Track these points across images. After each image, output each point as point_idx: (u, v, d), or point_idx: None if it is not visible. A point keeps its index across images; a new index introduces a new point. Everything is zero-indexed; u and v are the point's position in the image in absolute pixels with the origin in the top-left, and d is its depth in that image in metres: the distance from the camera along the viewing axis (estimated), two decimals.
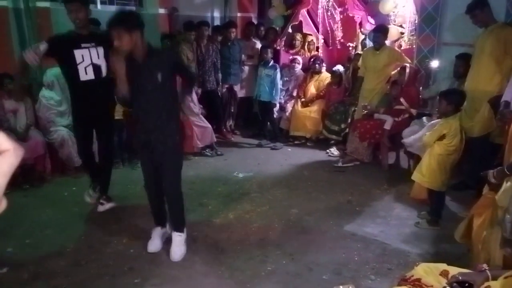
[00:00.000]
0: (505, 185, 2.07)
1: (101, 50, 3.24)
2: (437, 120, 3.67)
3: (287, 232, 3.31)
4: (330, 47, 6.64)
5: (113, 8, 5.66)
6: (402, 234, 3.28)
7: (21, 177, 4.11)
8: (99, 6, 5.56)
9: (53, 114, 4.44)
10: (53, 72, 4.47)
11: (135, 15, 2.74)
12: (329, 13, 6.36)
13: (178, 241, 2.93)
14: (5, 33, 4.50)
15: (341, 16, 6.32)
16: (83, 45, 3.22)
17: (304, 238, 3.22)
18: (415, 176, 3.38)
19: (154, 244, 3.01)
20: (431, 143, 3.23)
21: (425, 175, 3.27)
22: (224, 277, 2.70)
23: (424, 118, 4.33)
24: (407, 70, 4.75)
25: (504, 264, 2.01)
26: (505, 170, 2.10)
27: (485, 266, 1.75)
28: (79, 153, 3.80)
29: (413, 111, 4.68)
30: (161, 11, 6.04)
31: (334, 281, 2.63)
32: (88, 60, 3.24)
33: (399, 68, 4.88)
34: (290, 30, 6.56)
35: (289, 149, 5.63)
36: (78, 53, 3.21)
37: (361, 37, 6.09)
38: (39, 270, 2.75)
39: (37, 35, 4.63)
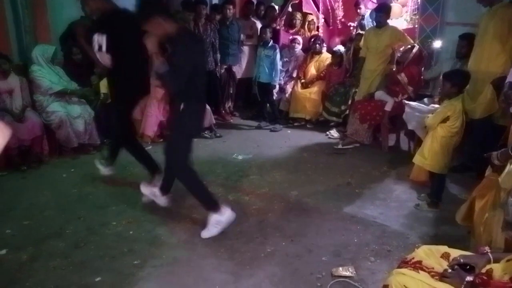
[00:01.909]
0: (509, 167, 2.04)
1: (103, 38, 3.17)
2: (437, 106, 3.64)
3: (286, 214, 3.30)
4: (331, 27, 6.52)
5: None
6: (401, 216, 3.27)
7: (18, 159, 4.08)
8: None
9: (44, 83, 4.35)
10: (38, 49, 4.39)
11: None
12: None
13: (208, 220, 2.96)
14: (0, 12, 4.40)
15: None
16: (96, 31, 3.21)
17: (304, 220, 3.21)
18: (417, 159, 3.35)
19: (146, 188, 3.25)
20: (435, 126, 3.19)
21: (427, 158, 3.24)
22: (224, 259, 2.70)
23: (426, 99, 4.29)
24: (414, 50, 4.66)
25: (506, 246, 2.00)
26: (510, 151, 2.07)
27: (487, 248, 1.74)
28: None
29: (410, 89, 4.62)
30: None
31: (333, 262, 2.63)
32: (96, 46, 3.20)
33: (408, 47, 4.76)
34: (290, 9, 6.44)
35: (289, 131, 5.59)
36: (94, 39, 3.20)
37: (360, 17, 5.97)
38: (38, 252, 2.74)
39: (32, 14, 4.53)
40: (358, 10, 5.98)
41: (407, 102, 4.17)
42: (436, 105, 3.74)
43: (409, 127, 4.02)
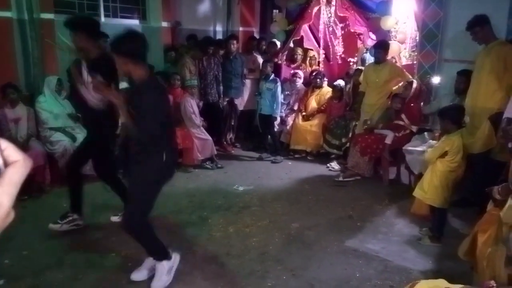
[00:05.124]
0: (510, 201, 2.05)
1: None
2: (434, 142, 3.68)
3: (287, 247, 3.28)
4: (331, 62, 6.69)
5: (116, 21, 5.72)
6: (404, 251, 3.25)
7: (19, 188, 4.08)
8: (102, 18, 5.61)
9: (42, 115, 4.43)
10: (45, 81, 4.52)
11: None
12: (330, 29, 6.43)
13: (158, 269, 2.73)
14: (9, 44, 4.53)
15: (342, 32, 6.38)
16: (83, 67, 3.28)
17: (305, 253, 3.18)
18: (417, 192, 3.36)
19: (140, 273, 2.79)
20: (433, 160, 3.22)
21: (427, 191, 3.25)
22: None
23: (426, 134, 4.34)
24: (414, 85, 4.77)
25: (509, 282, 1.98)
26: (510, 186, 2.09)
27: (492, 283, 1.73)
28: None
29: (414, 128, 4.69)
30: (164, 24, 6.10)
31: None
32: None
33: (406, 83, 4.89)
34: (291, 45, 6.62)
35: (290, 163, 5.61)
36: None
37: (363, 50, 6.14)
38: (36, 283, 2.71)
39: (41, 46, 4.67)
40: (363, 43, 6.11)
41: (406, 149, 4.20)
42: (433, 141, 3.79)
43: (416, 172, 4.03)
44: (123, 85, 5.12)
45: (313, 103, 5.95)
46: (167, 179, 2.75)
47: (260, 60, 6.26)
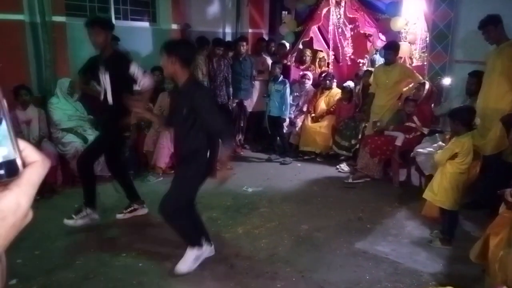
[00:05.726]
0: None
1: (107, 75, 3.31)
2: (443, 144, 3.65)
3: (297, 249, 3.27)
4: (341, 63, 6.67)
5: (127, 23, 5.78)
6: (414, 253, 3.22)
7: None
8: (113, 21, 5.66)
9: (54, 116, 4.49)
10: (58, 83, 4.58)
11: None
12: (339, 30, 6.41)
13: (187, 254, 2.91)
14: (22, 46, 4.60)
15: (352, 33, 6.36)
16: (100, 67, 3.35)
17: (314, 255, 3.18)
18: (427, 194, 3.33)
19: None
20: (443, 162, 3.19)
21: (437, 194, 3.22)
22: None
23: (437, 135, 4.30)
24: (427, 86, 4.73)
25: None
26: None
27: None
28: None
29: (425, 130, 4.64)
30: (174, 26, 6.14)
31: None
32: (102, 83, 3.37)
33: (417, 84, 4.86)
34: (300, 46, 6.62)
35: (299, 164, 5.60)
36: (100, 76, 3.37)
37: (373, 51, 6.12)
38: (47, 282, 2.75)
39: (53, 49, 4.73)
40: (373, 45, 6.09)
41: (418, 151, 4.19)
42: (442, 144, 3.76)
43: (426, 172, 4.01)
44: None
45: (322, 105, 5.94)
46: (206, 177, 2.95)
47: (269, 61, 6.27)
